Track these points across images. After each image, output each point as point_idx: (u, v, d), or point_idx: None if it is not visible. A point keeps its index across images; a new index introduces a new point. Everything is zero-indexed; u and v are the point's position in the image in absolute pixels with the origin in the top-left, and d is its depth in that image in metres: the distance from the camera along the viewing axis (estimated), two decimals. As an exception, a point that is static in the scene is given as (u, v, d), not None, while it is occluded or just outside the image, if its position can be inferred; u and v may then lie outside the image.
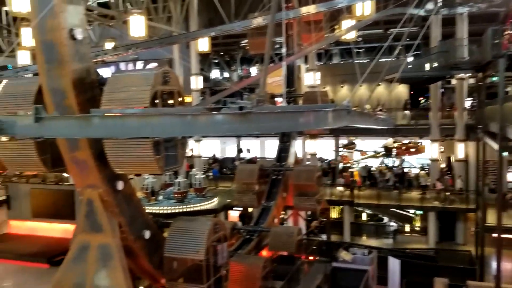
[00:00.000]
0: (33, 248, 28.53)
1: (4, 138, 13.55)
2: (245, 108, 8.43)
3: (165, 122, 9.00)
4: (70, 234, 19.41)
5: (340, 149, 39.97)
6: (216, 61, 56.48)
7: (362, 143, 39.47)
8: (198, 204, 28.65)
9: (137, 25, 20.97)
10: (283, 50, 18.03)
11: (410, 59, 34.50)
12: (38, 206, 31.48)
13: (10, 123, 9.20)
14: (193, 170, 32.81)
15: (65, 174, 35.06)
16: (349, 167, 38.15)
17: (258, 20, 20.65)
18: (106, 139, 11.94)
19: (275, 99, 28.28)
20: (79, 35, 11.71)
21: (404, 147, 34.10)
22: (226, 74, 57.35)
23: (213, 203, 29.70)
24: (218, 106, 9.40)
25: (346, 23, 24.52)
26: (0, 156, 13.77)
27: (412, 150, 34.05)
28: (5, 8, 36.98)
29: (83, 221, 13.10)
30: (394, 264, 23.55)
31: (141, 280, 20.79)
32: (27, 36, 21.60)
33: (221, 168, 39.99)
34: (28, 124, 8.99)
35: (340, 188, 31.98)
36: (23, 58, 29.08)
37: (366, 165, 37.51)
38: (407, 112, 38.27)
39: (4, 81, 13.79)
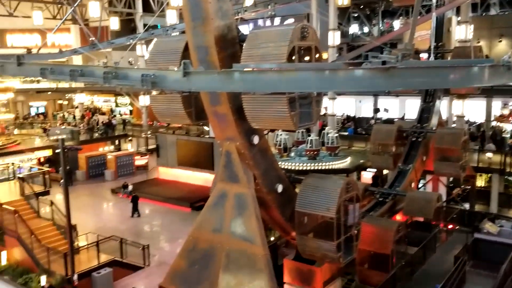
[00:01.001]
0: (178, 193, 31.53)
1: (154, 92, 14.82)
2: (388, 63, 7.86)
3: (302, 77, 8.86)
4: (209, 182, 20.77)
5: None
6: (356, 15, 54.08)
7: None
8: (330, 163, 28.44)
9: (277, -20, 20.86)
10: (433, 1, 16.43)
11: None
12: (182, 156, 34.42)
13: (162, 77, 9.94)
14: (326, 128, 32.52)
15: (206, 128, 37.60)
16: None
17: (405, -32, 18.98)
18: (244, 94, 12.30)
19: (420, 55, 26.22)
20: (222, -8, 12.00)
21: None
22: (366, 29, 54.71)
23: (346, 162, 29.23)
24: (358, 61, 8.90)
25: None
26: (152, 108, 15.14)
27: None
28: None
29: (222, 171, 13.87)
30: (549, 242, 20.90)
31: (272, 231, 21.70)
32: (175, -5, 22.94)
33: (355, 128, 39.03)
34: (177, 78, 9.61)
35: (489, 155, 28.93)
36: (172, 17, 31.14)
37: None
38: None
39: (155, 40, 14.89)
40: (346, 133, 36.38)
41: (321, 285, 15.46)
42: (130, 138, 44.96)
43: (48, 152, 36.42)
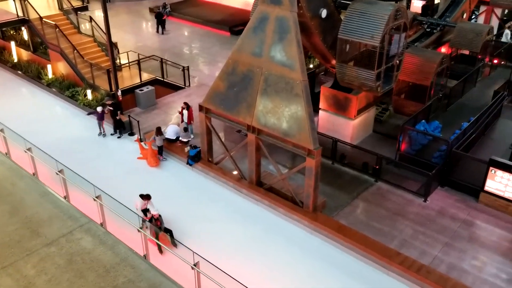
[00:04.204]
0: (217, 16, 30.76)
1: None
2: None
3: None
4: (249, 6, 19.80)
5: None
6: None
7: None
8: (379, -12, 26.47)
9: None
10: None
11: None
12: (222, -25, 32.59)
13: None
14: None
15: None
16: None
17: None
18: None
19: None
20: None
21: None
22: None
23: (396, -12, 27.12)
24: None
25: None
26: None
27: None
28: None
29: (263, -8, 13.09)
30: None
31: (312, 58, 21.48)
32: None
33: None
34: None
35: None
36: None
37: None
38: None
39: None
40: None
41: (356, 113, 15.84)
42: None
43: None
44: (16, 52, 23.78)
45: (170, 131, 16.70)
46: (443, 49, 20.98)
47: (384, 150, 15.50)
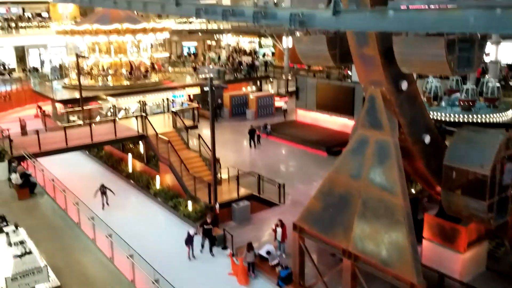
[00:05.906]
0: (315, 137, 31.64)
1: (298, 34, 14.57)
2: None
3: (467, 16, 7.77)
4: (347, 128, 20.08)
5: None
6: None
7: None
8: (488, 115, 25.64)
9: None
10: None
11: None
12: (322, 99, 34.12)
13: (310, 16, 9.60)
14: (486, 76, 29.10)
15: (349, 72, 36.47)
16: None
17: None
18: (395, 35, 11.40)
19: None
20: None
21: None
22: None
23: (507, 116, 26.09)
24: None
25: None
26: (296, 49, 14.96)
27: None
28: None
29: (364, 116, 13.34)
30: None
31: (414, 183, 20.66)
32: None
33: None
34: (326, 17, 9.18)
35: None
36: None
37: None
38: None
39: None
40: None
41: (465, 246, 14.44)
42: (271, 79, 45.81)
43: (196, 90, 38.90)
44: (131, 163, 26.14)
45: (264, 249, 16.53)
46: None
47: (501, 291, 13.66)
